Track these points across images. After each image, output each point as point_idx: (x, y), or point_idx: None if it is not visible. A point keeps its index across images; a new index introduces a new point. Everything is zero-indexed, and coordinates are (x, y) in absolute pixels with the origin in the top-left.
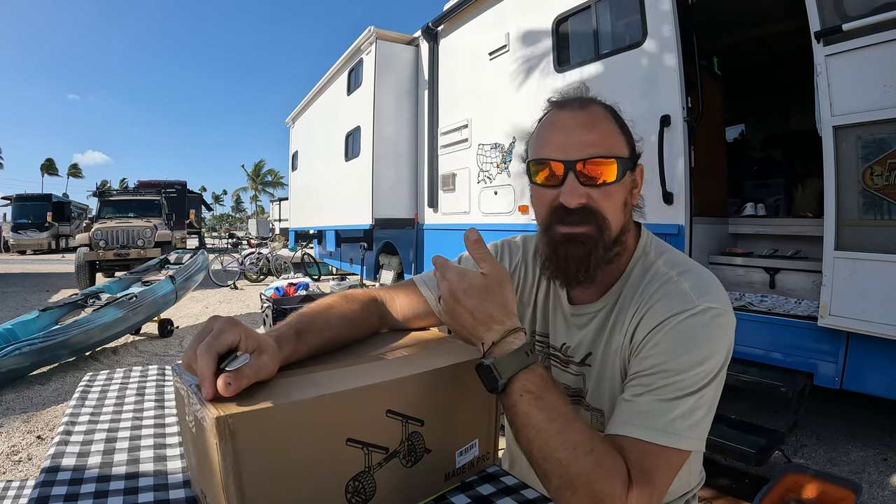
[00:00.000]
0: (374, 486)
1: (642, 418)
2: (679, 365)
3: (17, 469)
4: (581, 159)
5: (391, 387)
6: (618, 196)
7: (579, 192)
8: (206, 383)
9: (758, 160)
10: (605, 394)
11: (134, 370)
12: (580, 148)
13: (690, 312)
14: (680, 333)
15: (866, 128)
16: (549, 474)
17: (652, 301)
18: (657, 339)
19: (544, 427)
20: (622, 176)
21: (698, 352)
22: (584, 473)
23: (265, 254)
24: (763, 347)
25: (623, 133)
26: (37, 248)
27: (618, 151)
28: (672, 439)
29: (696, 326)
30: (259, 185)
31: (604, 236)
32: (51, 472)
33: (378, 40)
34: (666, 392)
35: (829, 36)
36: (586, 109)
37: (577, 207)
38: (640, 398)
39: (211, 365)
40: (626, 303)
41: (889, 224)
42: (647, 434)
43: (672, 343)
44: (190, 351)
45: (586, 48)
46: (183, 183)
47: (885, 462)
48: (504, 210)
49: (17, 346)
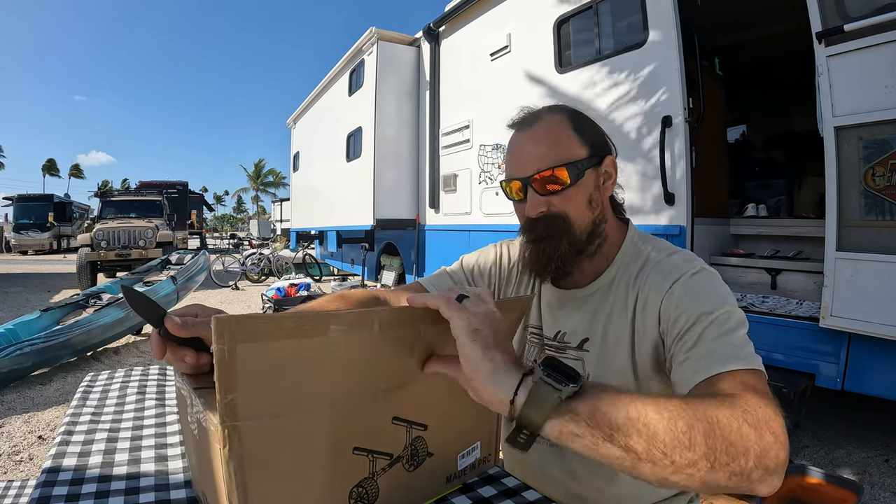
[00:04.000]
0: (378, 491)
1: (713, 357)
2: (707, 307)
3: (18, 469)
4: (531, 175)
5: (398, 394)
6: (578, 196)
7: (539, 203)
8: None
9: (759, 161)
10: (608, 379)
11: (135, 370)
12: (531, 163)
13: (690, 272)
14: (690, 288)
15: (868, 128)
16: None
17: (650, 281)
18: (673, 303)
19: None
20: (579, 177)
21: (714, 295)
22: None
23: (266, 254)
24: (764, 348)
25: (579, 134)
26: (38, 248)
27: (570, 156)
28: (749, 361)
29: (699, 280)
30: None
31: (570, 234)
32: (52, 473)
33: (379, 41)
34: (713, 332)
35: (830, 36)
36: (535, 125)
37: (539, 215)
38: (695, 349)
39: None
40: (621, 288)
41: (890, 225)
42: (729, 364)
43: (688, 297)
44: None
45: (588, 49)
46: (184, 183)
47: (887, 463)
48: (505, 211)
49: (19, 346)
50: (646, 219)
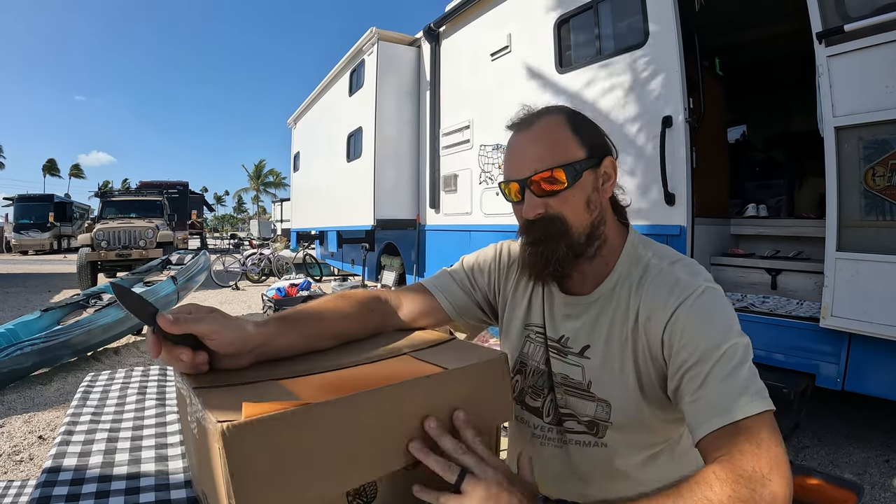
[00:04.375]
0: (376, 490)
1: (719, 406)
2: (713, 340)
3: (18, 469)
4: (528, 177)
5: (400, 394)
6: (576, 198)
7: (536, 204)
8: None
9: (759, 161)
10: (611, 385)
11: (135, 370)
12: (528, 164)
13: (695, 295)
14: (696, 315)
15: (868, 128)
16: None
17: (651, 292)
18: (678, 329)
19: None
20: (576, 179)
21: (719, 324)
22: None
23: (267, 254)
24: (765, 348)
25: (578, 135)
26: (39, 248)
27: (568, 157)
28: (757, 404)
29: (704, 305)
30: (260, 185)
31: (567, 236)
32: (52, 473)
33: (380, 41)
34: (720, 370)
35: (830, 37)
36: (533, 126)
37: (536, 217)
38: (703, 391)
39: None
40: (622, 296)
41: (891, 225)
42: (734, 414)
43: (694, 326)
44: None
45: (588, 49)
46: (185, 183)
47: (888, 463)
48: (505, 211)
49: (19, 346)
50: (646, 219)
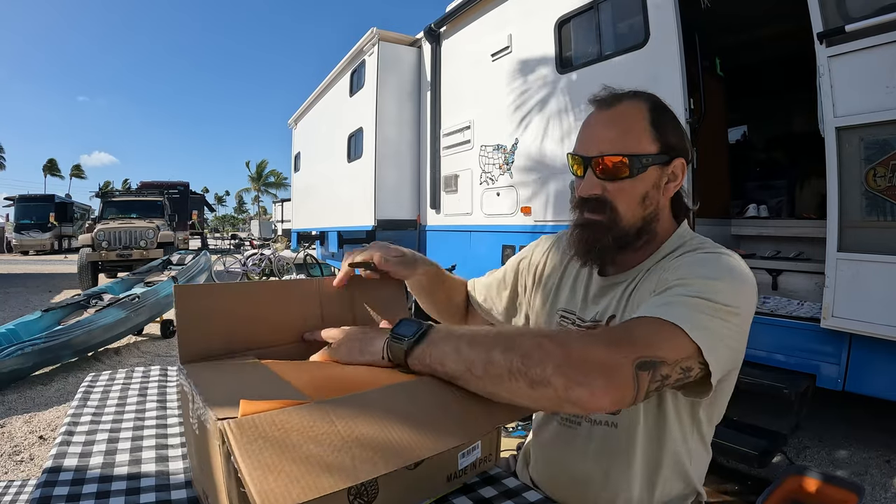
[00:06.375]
0: (377, 488)
1: (661, 308)
2: (698, 273)
3: (18, 469)
4: (594, 156)
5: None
6: (633, 190)
7: (594, 184)
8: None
9: (760, 161)
10: None
11: (136, 371)
12: (597, 145)
13: (705, 251)
14: (695, 259)
15: (869, 129)
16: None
17: (678, 262)
18: (675, 265)
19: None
20: (639, 172)
21: (713, 270)
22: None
23: (267, 255)
24: (765, 349)
25: (655, 128)
26: (39, 248)
27: (637, 149)
28: (684, 321)
29: (709, 258)
30: (261, 185)
31: (616, 226)
32: (53, 473)
33: (380, 41)
34: (682, 291)
35: (831, 37)
36: (612, 108)
37: (590, 197)
38: (658, 297)
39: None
40: (654, 271)
41: (892, 226)
42: (660, 313)
43: (689, 265)
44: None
45: (588, 49)
46: (185, 184)
47: (888, 464)
48: (506, 211)
49: (20, 346)
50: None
